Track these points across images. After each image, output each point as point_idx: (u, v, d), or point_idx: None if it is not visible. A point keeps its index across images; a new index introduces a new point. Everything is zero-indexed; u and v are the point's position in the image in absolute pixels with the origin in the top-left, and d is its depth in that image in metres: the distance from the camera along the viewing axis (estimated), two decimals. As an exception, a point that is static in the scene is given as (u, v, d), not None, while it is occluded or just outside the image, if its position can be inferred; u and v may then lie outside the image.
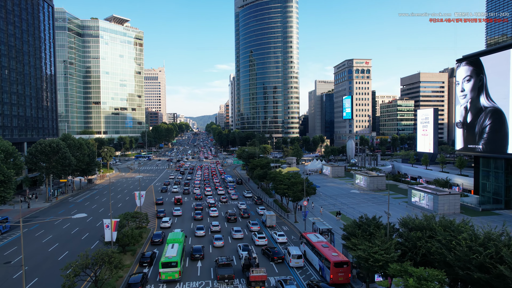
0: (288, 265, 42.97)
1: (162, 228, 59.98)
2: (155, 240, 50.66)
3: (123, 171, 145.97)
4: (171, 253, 38.41)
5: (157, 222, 66.44)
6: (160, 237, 51.60)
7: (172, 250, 39.13)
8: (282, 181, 68.19)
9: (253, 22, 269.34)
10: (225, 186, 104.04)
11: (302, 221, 61.70)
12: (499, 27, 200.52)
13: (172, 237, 44.37)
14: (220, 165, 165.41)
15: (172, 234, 45.92)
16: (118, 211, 69.62)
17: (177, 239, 43.33)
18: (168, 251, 38.98)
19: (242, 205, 77.02)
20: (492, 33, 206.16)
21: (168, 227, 60.47)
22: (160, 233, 53.03)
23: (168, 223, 60.71)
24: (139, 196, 56.25)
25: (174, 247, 40.12)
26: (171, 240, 42.90)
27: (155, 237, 51.53)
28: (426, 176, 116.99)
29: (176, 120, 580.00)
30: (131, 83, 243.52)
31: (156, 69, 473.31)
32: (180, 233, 46.66)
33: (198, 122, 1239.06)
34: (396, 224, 42.65)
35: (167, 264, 36.92)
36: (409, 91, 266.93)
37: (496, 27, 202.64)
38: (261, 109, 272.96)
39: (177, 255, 38.12)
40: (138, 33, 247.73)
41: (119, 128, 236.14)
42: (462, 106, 74.22)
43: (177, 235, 45.10)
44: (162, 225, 60.49)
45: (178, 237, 44.06)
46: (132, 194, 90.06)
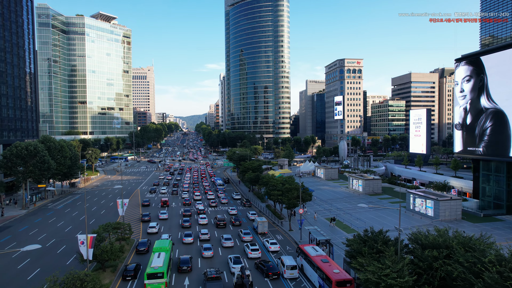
0: (282, 277, 39.48)
1: (148, 234, 57.43)
2: (140, 249, 47.85)
3: (109, 174, 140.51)
4: (157, 263, 36.59)
5: (142, 226, 63.63)
6: (146, 245, 48.72)
7: (159, 260, 37.24)
8: (275, 186, 64.48)
9: (243, 21, 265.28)
10: (215, 190, 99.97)
11: (297, 229, 58.13)
12: (493, 27, 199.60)
13: (159, 245, 42.31)
14: (210, 166, 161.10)
15: (158, 242, 43.76)
16: (100, 219, 65.01)
17: (164, 247, 41.44)
18: (154, 261, 37.11)
19: (233, 210, 73.52)
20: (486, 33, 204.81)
21: (155, 233, 57.89)
22: (146, 241, 50.16)
23: (155, 229, 58.21)
24: (121, 204, 51.82)
25: (160, 256, 38.20)
26: (158, 248, 41.00)
27: (140, 245, 48.60)
28: (420, 178, 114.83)
29: (165, 120, 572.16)
30: (118, 82, 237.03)
31: (144, 68, 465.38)
32: (167, 241, 44.38)
33: (188, 122, 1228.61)
34: (404, 238, 39.16)
35: (153, 275, 35.10)
36: (400, 91, 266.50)
37: (490, 27, 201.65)
38: (251, 109, 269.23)
39: (163, 265, 36.28)
40: (126, 31, 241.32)
41: (106, 129, 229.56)
42: (461, 107, 71.70)
43: (164, 243, 43.13)
44: (149, 230, 57.96)
45: (165, 245, 42.10)
46: (117, 200, 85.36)
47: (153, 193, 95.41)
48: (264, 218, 60.14)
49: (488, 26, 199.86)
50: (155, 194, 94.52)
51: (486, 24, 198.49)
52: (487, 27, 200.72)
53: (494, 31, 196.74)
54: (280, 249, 50.43)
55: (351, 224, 59.17)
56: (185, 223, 60.93)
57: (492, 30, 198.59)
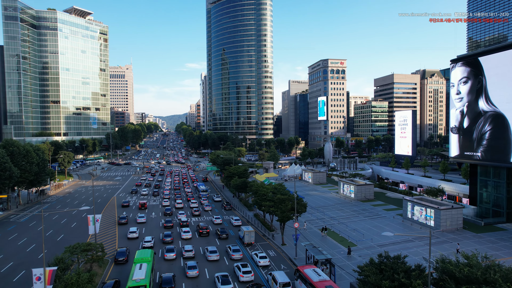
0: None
1: (129, 239, 56.42)
2: (119, 259, 45.93)
3: (83, 178, 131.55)
4: (139, 275, 35.26)
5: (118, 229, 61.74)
6: (125, 255, 46.73)
7: (140, 272, 35.95)
8: (265, 195, 59.24)
9: (225, 19, 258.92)
10: (198, 196, 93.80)
11: (291, 243, 53.15)
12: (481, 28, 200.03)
13: (140, 255, 40.60)
14: (191, 170, 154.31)
15: (139, 253, 42.03)
16: (70, 235, 57.83)
17: (146, 258, 39.84)
18: (135, 273, 35.69)
19: (218, 219, 68.31)
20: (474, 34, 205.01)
21: (136, 237, 57.01)
22: (124, 250, 48.05)
23: (135, 233, 57.46)
24: (93, 220, 45.13)
25: (142, 268, 36.96)
26: (139, 259, 39.40)
27: (119, 255, 46.60)
28: (409, 181, 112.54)
29: (145, 120, 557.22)
30: (95, 81, 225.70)
31: (123, 67, 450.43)
32: (148, 251, 42.56)
33: (168, 122, 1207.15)
34: (423, 263, 34.68)
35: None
36: (382, 92, 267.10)
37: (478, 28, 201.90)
38: (234, 109, 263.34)
39: (146, 277, 35.01)
40: (103, 28, 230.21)
41: (81, 130, 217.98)
42: (458, 110, 68.75)
43: (145, 253, 41.39)
44: (130, 235, 57.05)
45: (146, 256, 40.41)
46: (96, 208, 77.87)
47: (128, 207, 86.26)
48: (251, 227, 56.80)
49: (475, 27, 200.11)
50: (133, 201, 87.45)
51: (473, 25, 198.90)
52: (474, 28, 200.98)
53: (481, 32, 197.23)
54: (271, 263, 46.35)
55: (348, 237, 54.69)
56: (166, 238, 54.77)
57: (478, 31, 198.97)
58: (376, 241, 52.53)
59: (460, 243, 50.98)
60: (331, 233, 57.36)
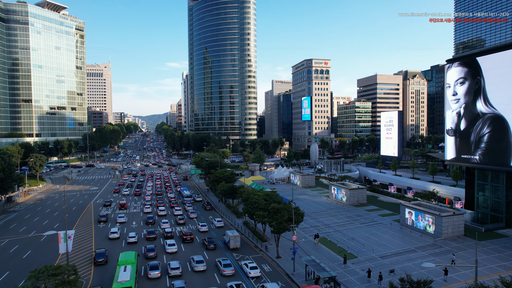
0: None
1: (110, 240, 57.06)
2: (98, 260, 46.27)
3: (57, 183, 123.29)
4: (124, 277, 35.75)
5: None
6: (104, 255, 46.98)
7: (125, 274, 36.40)
8: (257, 203, 54.81)
9: (208, 17, 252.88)
10: (182, 202, 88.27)
11: (286, 256, 48.97)
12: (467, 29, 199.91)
13: (124, 258, 41.24)
14: (174, 172, 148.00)
15: (123, 255, 42.67)
16: (38, 253, 51.46)
17: (130, 260, 40.48)
18: (120, 275, 36.15)
19: (203, 227, 63.70)
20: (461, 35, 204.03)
21: (117, 238, 57.65)
22: (104, 251, 48.32)
23: (116, 234, 58.04)
24: (64, 238, 39.32)
25: (127, 270, 37.35)
26: (123, 261, 39.83)
27: (98, 256, 46.91)
28: (397, 183, 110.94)
29: (124, 120, 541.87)
30: (70, 79, 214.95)
31: (100, 65, 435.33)
32: (132, 253, 43.38)
33: (148, 122, 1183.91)
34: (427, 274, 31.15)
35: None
36: (365, 92, 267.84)
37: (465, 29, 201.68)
38: (217, 109, 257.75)
39: (131, 279, 35.57)
40: (79, 24, 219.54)
41: (56, 130, 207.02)
42: (454, 111, 66.51)
43: (129, 256, 42.19)
44: (111, 236, 57.73)
45: (130, 258, 41.16)
46: (69, 217, 71.30)
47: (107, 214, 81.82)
48: (236, 232, 55.79)
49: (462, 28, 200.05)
50: (110, 210, 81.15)
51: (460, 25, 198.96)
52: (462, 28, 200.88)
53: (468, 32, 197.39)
54: (262, 274, 43.42)
55: (348, 247, 50.96)
56: (149, 252, 49.41)
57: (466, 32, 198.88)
58: (377, 252, 49.08)
59: (464, 252, 48.28)
60: (328, 243, 53.59)
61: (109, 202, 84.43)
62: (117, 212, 78.43)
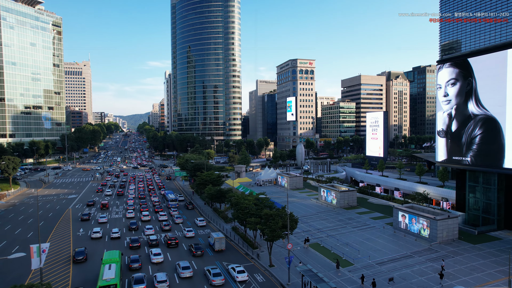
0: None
1: (92, 239, 58.16)
2: (78, 258, 47.59)
3: (33, 186, 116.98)
4: (109, 275, 36.86)
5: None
6: (84, 254, 48.45)
7: (110, 272, 37.60)
8: (248, 208, 52.32)
9: (191, 15, 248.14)
10: (167, 206, 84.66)
11: (280, 264, 46.62)
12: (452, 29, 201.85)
13: (108, 256, 42.20)
14: (157, 174, 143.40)
15: (107, 254, 43.76)
16: (7, 267, 47.09)
17: (114, 258, 41.45)
18: (105, 273, 37.39)
19: (190, 233, 60.98)
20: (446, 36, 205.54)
21: (100, 237, 58.76)
22: (83, 249, 49.68)
23: (99, 233, 59.21)
24: (37, 251, 35.50)
25: (111, 268, 38.51)
26: (107, 260, 40.86)
27: (78, 254, 48.20)
28: (385, 184, 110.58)
29: (104, 120, 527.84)
30: (47, 77, 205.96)
31: (80, 63, 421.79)
32: (116, 252, 44.35)
33: (129, 122, 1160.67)
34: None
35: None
36: (349, 93, 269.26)
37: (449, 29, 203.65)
38: (200, 109, 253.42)
39: (115, 277, 36.73)
40: (56, 19, 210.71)
41: (31, 131, 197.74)
42: (446, 112, 65.87)
43: (114, 254, 43.17)
44: (93, 235, 58.62)
45: (114, 256, 42.11)
46: (44, 225, 66.70)
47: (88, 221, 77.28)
48: (221, 233, 54.91)
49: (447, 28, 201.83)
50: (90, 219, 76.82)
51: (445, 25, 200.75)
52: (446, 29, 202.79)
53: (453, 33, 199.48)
54: (249, 278, 42.47)
55: (343, 254, 49.01)
56: (133, 263, 45.89)
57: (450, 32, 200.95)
58: (374, 258, 47.37)
59: (461, 257, 47.20)
60: (321, 249, 51.58)
61: (92, 202, 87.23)
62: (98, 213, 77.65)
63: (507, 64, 55.28)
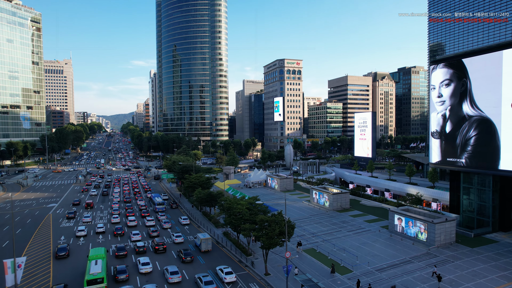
0: None
1: (77, 237, 59.80)
2: (60, 254, 49.72)
3: (10, 190, 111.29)
4: (96, 269, 38.98)
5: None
6: (66, 250, 50.75)
7: (96, 267, 39.67)
8: (241, 213, 49.95)
9: (177, 13, 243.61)
10: (154, 211, 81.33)
11: (276, 272, 44.44)
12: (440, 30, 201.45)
13: (94, 253, 43.99)
14: (142, 176, 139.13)
15: (93, 250, 45.61)
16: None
17: (100, 254, 43.25)
18: (92, 268, 39.42)
19: (179, 238, 58.18)
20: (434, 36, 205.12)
21: (85, 235, 60.44)
22: (65, 246, 51.98)
23: (84, 232, 60.75)
24: (12, 267, 32.08)
25: (98, 263, 40.56)
26: (94, 256, 42.69)
27: (60, 250, 50.35)
28: (375, 185, 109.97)
29: (87, 119, 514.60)
30: (25, 75, 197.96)
31: (61, 61, 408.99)
32: (102, 249, 46.12)
33: (112, 122, 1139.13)
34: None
35: (93, 281, 37.34)
36: (336, 93, 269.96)
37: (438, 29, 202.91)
38: (187, 109, 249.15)
39: (102, 271, 38.80)
40: (35, 15, 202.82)
41: (8, 131, 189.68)
42: (440, 113, 65.14)
43: (99, 251, 45.00)
44: (78, 233, 60.44)
45: (100, 253, 43.92)
46: (21, 233, 62.52)
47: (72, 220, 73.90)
48: (207, 234, 56.27)
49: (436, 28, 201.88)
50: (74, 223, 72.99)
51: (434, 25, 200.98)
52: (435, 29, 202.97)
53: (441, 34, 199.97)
54: (237, 279, 42.21)
55: (341, 260, 47.18)
56: (120, 274, 42.73)
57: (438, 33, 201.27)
58: (373, 264, 45.74)
59: (461, 262, 46.09)
60: (318, 255, 49.69)
61: (78, 201, 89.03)
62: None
63: (503, 65, 54.74)
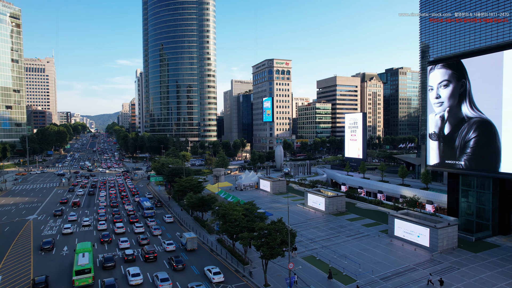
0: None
1: (64, 235, 62.10)
2: (45, 247, 52.94)
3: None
4: (84, 261, 41.68)
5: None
6: (51, 243, 53.83)
7: (84, 259, 42.35)
8: (238, 220, 47.30)
9: (164, 12, 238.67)
10: (142, 216, 77.69)
11: (276, 282, 41.98)
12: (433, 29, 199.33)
13: (81, 247, 46.70)
14: (129, 179, 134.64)
15: (80, 245, 48.19)
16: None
17: (87, 248, 46.23)
18: (79, 259, 42.08)
19: (170, 246, 55.25)
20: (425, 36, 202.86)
21: (71, 233, 62.96)
22: (50, 240, 54.97)
23: (70, 229, 63.13)
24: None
25: (85, 256, 43.24)
26: (81, 250, 45.33)
27: (45, 244, 53.69)
28: (368, 187, 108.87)
29: (70, 120, 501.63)
30: (4, 73, 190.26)
31: (42, 60, 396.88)
32: (88, 243, 49.05)
33: (97, 122, 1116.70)
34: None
35: (81, 272, 40.10)
36: (325, 94, 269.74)
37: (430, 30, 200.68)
38: (174, 110, 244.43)
39: (89, 262, 41.69)
40: (14, 11, 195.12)
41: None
42: (438, 115, 64.01)
43: (86, 245, 47.92)
44: (64, 231, 62.65)
45: (87, 247, 46.82)
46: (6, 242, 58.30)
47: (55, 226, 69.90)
48: (193, 233, 57.07)
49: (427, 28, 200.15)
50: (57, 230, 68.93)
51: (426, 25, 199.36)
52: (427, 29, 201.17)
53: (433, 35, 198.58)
54: (225, 279, 42.68)
55: (344, 269, 45.09)
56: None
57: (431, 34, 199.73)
58: (377, 273, 43.83)
59: (467, 268, 44.64)
60: (318, 263, 47.55)
61: (65, 199, 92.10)
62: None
63: (503, 65, 53.81)
